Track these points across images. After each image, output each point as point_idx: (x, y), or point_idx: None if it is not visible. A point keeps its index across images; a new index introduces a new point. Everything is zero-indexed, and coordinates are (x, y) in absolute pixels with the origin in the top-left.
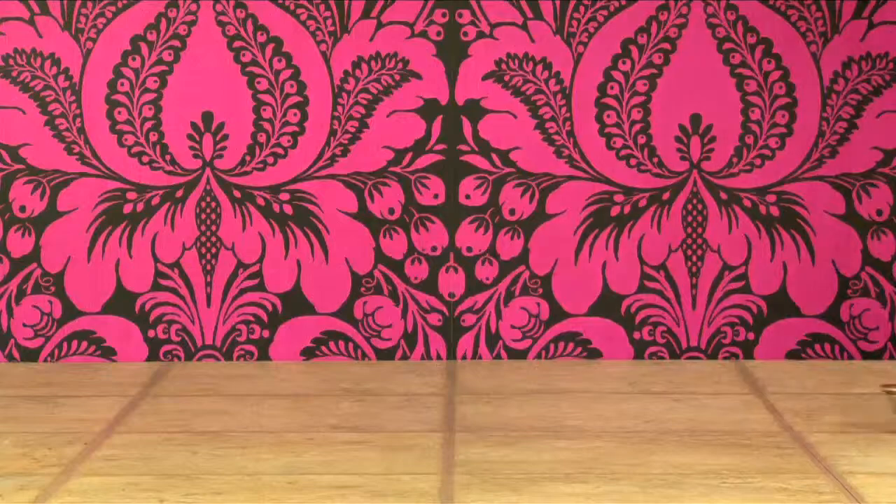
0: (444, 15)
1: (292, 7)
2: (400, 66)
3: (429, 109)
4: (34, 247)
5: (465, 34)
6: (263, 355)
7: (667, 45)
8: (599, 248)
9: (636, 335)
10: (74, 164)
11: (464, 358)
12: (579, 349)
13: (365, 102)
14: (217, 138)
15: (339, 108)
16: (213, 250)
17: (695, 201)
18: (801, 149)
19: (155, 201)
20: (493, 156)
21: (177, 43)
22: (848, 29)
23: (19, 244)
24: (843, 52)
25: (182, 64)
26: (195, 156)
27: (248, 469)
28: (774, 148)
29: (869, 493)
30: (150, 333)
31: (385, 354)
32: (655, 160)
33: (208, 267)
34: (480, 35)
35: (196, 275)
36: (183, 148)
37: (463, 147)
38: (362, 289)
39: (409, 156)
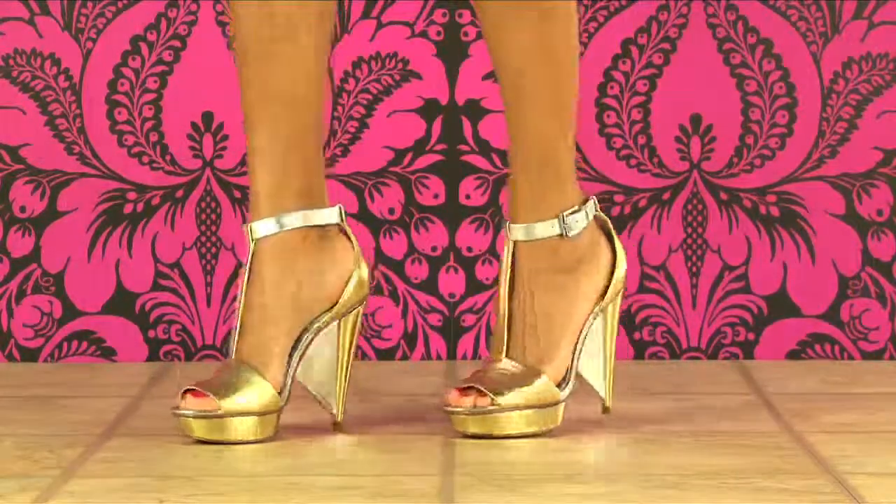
0: (444, 15)
1: None
2: (400, 66)
3: (429, 109)
4: (34, 247)
5: (466, 34)
6: None
7: (667, 45)
8: None
9: (636, 335)
10: (74, 164)
11: (464, 358)
12: None
13: (365, 102)
14: (217, 138)
15: (339, 108)
16: (213, 250)
17: (695, 201)
18: (801, 149)
19: (155, 201)
20: (493, 156)
21: (177, 43)
22: (848, 29)
23: (19, 244)
24: (843, 52)
25: (182, 64)
26: (195, 156)
27: (249, 470)
28: (774, 148)
29: (869, 493)
30: (150, 333)
31: (385, 354)
32: (656, 160)
33: (208, 267)
34: (480, 35)
35: (196, 275)
36: (183, 148)
37: (463, 147)
38: None
39: (409, 156)
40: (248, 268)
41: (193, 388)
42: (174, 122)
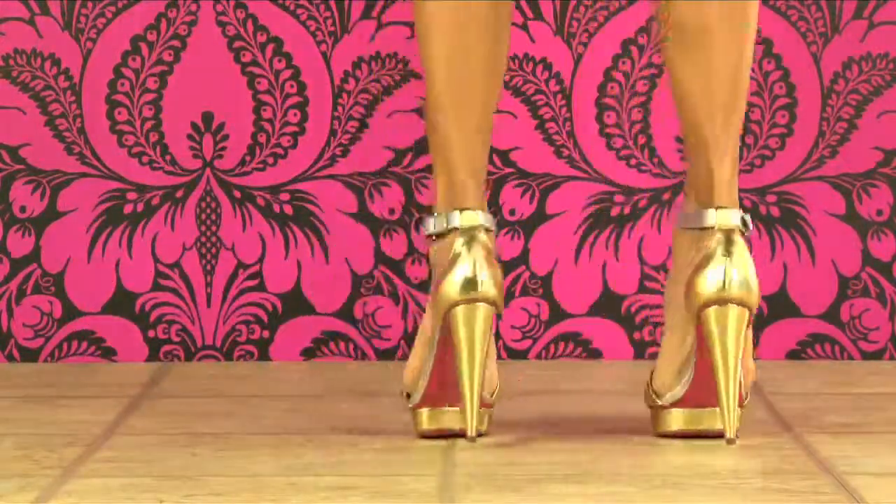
0: None
1: (292, 7)
2: (400, 66)
3: None
4: (34, 247)
5: None
6: (263, 355)
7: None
8: (599, 248)
9: (636, 335)
10: (74, 165)
11: None
12: (579, 349)
13: (365, 102)
14: (217, 138)
15: (340, 108)
16: (213, 250)
17: None
18: (801, 149)
19: (155, 201)
20: (494, 156)
21: (177, 43)
22: (848, 29)
23: (19, 244)
24: (843, 52)
25: (182, 64)
26: (195, 156)
27: (249, 470)
28: (774, 148)
29: (869, 493)
30: (150, 333)
31: (385, 354)
32: (655, 160)
33: (208, 267)
34: None
35: (196, 275)
36: (183, 148)
37: None
38: (362, 289)
39: (409, 156)
40: None
41: None
42: (174, 122)
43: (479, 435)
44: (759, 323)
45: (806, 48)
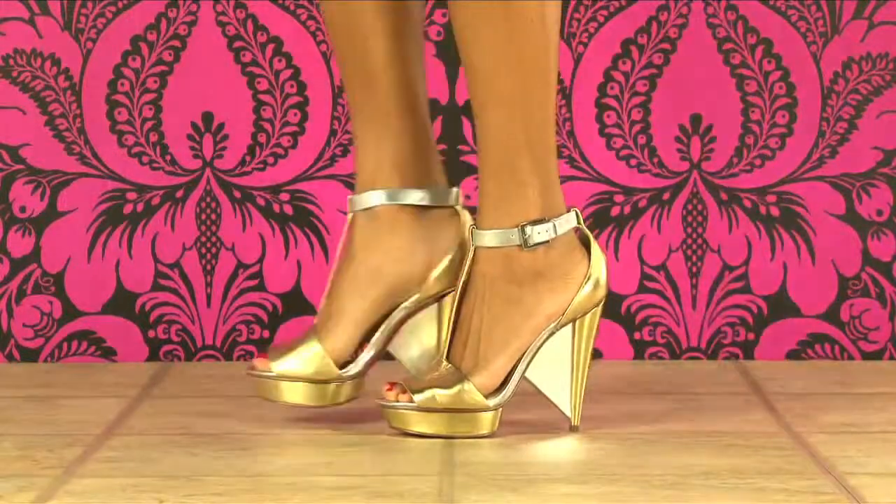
0: (444, 15)
1: (292, 7)
2: None
3: (429, 109)
4: (34, 247)
5: None
6: None
7: (667, 45)
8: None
9: (636, 335)
10: (74, 165)
11: None
12: None
13: None
14: (217, 138)
15: (339, 108)
16: (213, 250)
17: (695, 201)
18: (801, 149)
19: (155, 201)
20: None
21: (177, 43)
22: (848, 29)
23: (19, 244)
24: (843, 52)
25: (182, 64)
26: (195, 156)
27: (249, 470)
28: (774, 148)
29: (869, 493)
30: (150, 333)
31: (386, 354)
32: (655, 160)
33: (208, 267)
34: None
35: (196, 275)
36: (183, 148)
37: (463, 147)
38: None
39: None
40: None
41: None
42: (174, 122)
43: (489, 435)
44: (760, 323)
45: (806, 48)
